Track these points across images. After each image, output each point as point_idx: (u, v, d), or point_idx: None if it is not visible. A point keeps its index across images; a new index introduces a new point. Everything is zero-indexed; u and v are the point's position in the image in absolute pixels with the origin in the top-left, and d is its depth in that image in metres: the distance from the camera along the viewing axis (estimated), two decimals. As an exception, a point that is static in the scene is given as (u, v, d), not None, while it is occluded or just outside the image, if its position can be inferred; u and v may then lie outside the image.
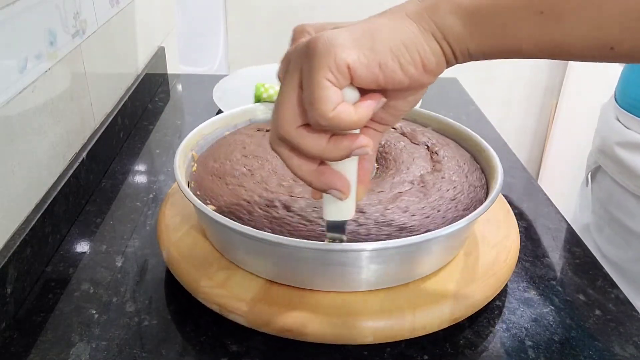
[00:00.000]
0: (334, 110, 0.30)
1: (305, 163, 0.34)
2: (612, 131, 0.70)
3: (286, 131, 0.32)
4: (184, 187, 0.49)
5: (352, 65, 0.30)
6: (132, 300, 0.51)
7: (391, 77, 0.31)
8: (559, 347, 0.47)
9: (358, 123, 0.31)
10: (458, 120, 0.63)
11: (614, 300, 0.53)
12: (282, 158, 0.34)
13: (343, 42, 0.30)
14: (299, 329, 0.44)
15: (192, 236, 0.53)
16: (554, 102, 1.99)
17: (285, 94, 0.32)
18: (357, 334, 0.44)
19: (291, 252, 0.45)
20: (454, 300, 0.46)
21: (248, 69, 1.04)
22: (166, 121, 0.91)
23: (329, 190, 0.35)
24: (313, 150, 0.32)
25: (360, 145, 0.33)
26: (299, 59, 0.31)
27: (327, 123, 0.31)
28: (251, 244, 0.46)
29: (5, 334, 0.47)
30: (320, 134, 0.32)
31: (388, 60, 0.30)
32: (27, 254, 0.52)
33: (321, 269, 0.46)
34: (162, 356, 0.45)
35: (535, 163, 2.13)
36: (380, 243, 0.43)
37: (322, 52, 0.30)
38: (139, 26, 0.95)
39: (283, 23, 1.86)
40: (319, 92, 0.30)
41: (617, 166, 0.68)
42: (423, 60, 0.31)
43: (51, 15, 0.60)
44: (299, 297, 0.46)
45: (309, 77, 0.30)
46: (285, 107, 0.32)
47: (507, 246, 0.53)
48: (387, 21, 0.31)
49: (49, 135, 0.60)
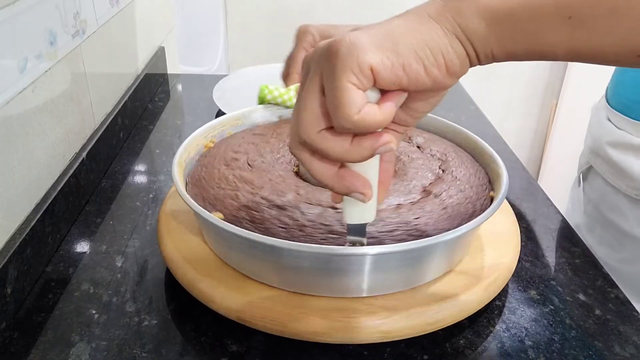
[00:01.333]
0: (359, 113, 0.30)
1: (326, 166, 0.33)
2: (603, 131, 0.70)
3: (308, 136, 0.32)
4: (182, 191, 0.49)
5: (375, 68, 0.30)
6: (132, 300, 0.51)
7: (415, 79, 0.31)
8: (559, 347, 0.47)
9: (383, 123, 0.31)
10: (458, 120, 0.63)
11: (614, 300, 0.53)
12: (303, 162, 0.33)
13: (365, 45, 0.30)
14: (299, 328, 0.44)
15: (192, 236, 0.53)
16: (554, 102, 1.99)
17: (306, 98, 0.31)
18: (357, 334, 0.44)
19: (286, 256, 0.45)
20: (454, 301, 0.46)
21: (248, 69, 1.04)
22: (166, 121, 0.91)
23: (351, 194, 0.34)
24: (336, 153, 0.32)
25: (384, 142, 0.32)
26: (319, 63, 0.31)
27: (352, 126, 0.30)
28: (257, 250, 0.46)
29: (5, 334, 0.47)
30: (343, 136, 0.32)
31: (412, 62, 0.30)
32: (27, 254, 0.52)
33: (319, 273, 0.46)
34: (162, 356, 0.45)
35: (535, 163, 2.13)
36: (382, 247, 0.43)
37: (345, 55, 0.29)
38: (139, 26, 0.95)
39: (283, 23, 1.86)
40: (343, 95, 0.30)
41: (609, 166, 0.68)
42: (447, 62, 0.31)
43: (51, 15, 0.60)
44: (299, 297, 0.46)
45: (332, 80, 0.30)
46: (307, 111, 0.31)
47: (507, 246, 0.53)
48: (408, 23, 0.31)
49: (49, 135, 0.60)
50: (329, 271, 0.45)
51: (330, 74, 0.30)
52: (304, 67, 0.33)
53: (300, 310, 0.45)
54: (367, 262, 0.44)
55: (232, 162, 0.56)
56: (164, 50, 1.11)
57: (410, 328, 0.45)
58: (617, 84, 0.70)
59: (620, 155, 0.66)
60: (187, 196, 0.48)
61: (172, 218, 0.56)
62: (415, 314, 0.45)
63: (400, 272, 0.46)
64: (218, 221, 0.45)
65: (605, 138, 0.69)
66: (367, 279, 0.45)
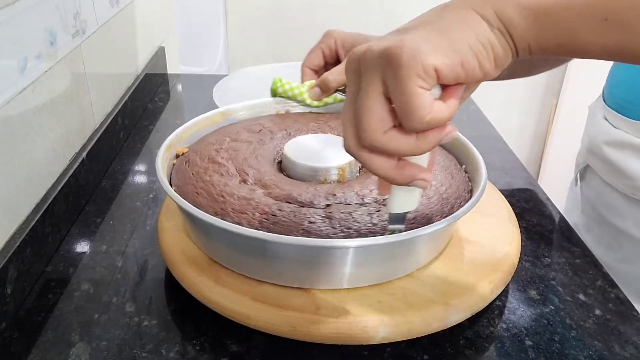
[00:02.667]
0: (430, 114, 0.31)
1: (387, 161, 0.34)
2: (600, 130, 0.70)
3: (374, 139, 0.33)
4: (166, 184, 0.50)
5: (439, 68, 0.31)
6: (132, 300, 0.51)
7: (471, 74, 0.32)
8: (559, 347, 0.47)
9: (450, 117, 0.33)
10: (458, 120, 0.63)
11: (614, 300, 0.53)
12: (363, 162, 0.34)
13: (426, 48, 0.31)
14: (299, 329, 0.44)
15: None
16: (554, 102, 1.99)
17: (367, 103, 0.32)
18: (358, 334, 0.44)
19: (275, 249, 0.45)
20: (454, 301, 0.46)
21: (248, 69, 1.04)
22: (166, 121, 0.91)
23: (413, 182, 0.36)
24: (405, 150, 0.33)
25: (447, 132, 0.34)
26: (378, 69, 0.32)
27: (425, 126, 0.32)
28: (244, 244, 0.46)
29: (5, 334, 0.47)
30: (409, 134, 0.33)
31: (469, 59, 0.32)
32: (27, 254, 0.52)
33: (307, 265, 0.46)
34: (162, 356, 0.45)
35: (535, 163, 2.13)
36: (364, 240, 0.44)
37: (409, 61, 0.30)
38: (139, 26, 0.95)
39: (283, 23, 1.86)
40: (415, 101, 0.31)
41: (605, 165, 0.68)
42: (495, 55, 0.32)
43: (51, 15, 0.60)
44: (298, 297, 0.46)
45: (402, 87, 0.31)
46: (372, 116, 0.32)
47: (508, 246, 0.53)
48: (458, 17, 0.32)
49: (49, 135, 0.60)
50: (316, 262, 0.46)
51: (397, 81, 0.31)
52: (351, 71, 0.34)
53: (300, 311, 0.45)
54: (349, 254, 0.45)
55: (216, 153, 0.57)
56: (164, 50, 1.11)
57: (409, 329, 0.45)
58: (613, 83, 0.70)
59: (616, 154, 0.66)
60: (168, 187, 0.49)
61: (172, 218, 0.56)
62: (416, 315, 0.45)
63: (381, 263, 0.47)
64: (201, 213, 0.46)
65: (601, 137, 0.69)
66: (348, 270, 0.46)
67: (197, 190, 0.51)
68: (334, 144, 0.57)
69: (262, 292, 0.47)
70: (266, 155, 0.57)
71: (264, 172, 0.54)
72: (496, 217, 0.57)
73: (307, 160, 0.54)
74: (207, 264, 0.50)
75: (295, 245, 0.44)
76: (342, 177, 0.54)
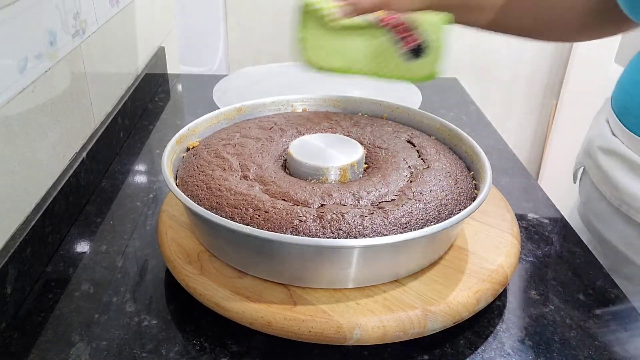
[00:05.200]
0: None
1: None
2: (599, 134, 0.68)
3: None
4: (167, 173, 0.50)
5: None
6: (132, 300, 0.51)
7: None
8: (559, 347, 0.47)
9: None
10: (458, 120, 0.63)
11: (614, 300, 0.53)
12: None
13: None
14: (299, 329, 0.44)
15: (192, 236, 0.53)
16: (554, 102, 1.99)
17: None
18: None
19: (276, 247, 0.45)
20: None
21: (248, 69, 1.04)
22: (166, 121, 0.91)
23: None
24: None
25: None
26: None
27: None
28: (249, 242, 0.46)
29: (5, 334, 0.47)
30: None
31: None
32: (27, 254, 0.52)
33: (311, 264, 0.46)
34: (162, 356, 0.45)
35: (535, 163, 2.13)
36: (366, 240, 0.44)
37: None
38: (139, 26, 0.95)
39: (283, 23, 1.86)
40: None
41: (598, 171, 0.67)
42: None
43: (51, 15, 0.60)
44: (298, 297, 0.46)
45: None
46: None
47: (503, 257, 0.52)
48: None
49: (49, 135, 0.60)
50: (318, 261, 0.46)
51: None
52: None
53: (300, 311, 0.45)
54: (355, 254, 0.45)
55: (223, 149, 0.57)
56: (164, 50, 1.11)
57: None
58: (618, 85, 0.69)
59: (609, 162, 0.64)
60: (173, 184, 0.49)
61: (173, 218, 0.56)
62: (415, 315, 0.45)
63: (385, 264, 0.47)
64: (204, 212, 0.46)
65: (598, 141, 0.67)
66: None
67: (197, 183, 0.52)
68: (340, 144, 0.57)
69: (261, 291, 0.47)
70: (272, 153, 0.58)
71: (266, 169, 0.54)
72: (496, 227, 0.56)
73: (309, 159, 0.54)
74: (207, 264, 0.50)
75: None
76: (344, 178, 0.54)
